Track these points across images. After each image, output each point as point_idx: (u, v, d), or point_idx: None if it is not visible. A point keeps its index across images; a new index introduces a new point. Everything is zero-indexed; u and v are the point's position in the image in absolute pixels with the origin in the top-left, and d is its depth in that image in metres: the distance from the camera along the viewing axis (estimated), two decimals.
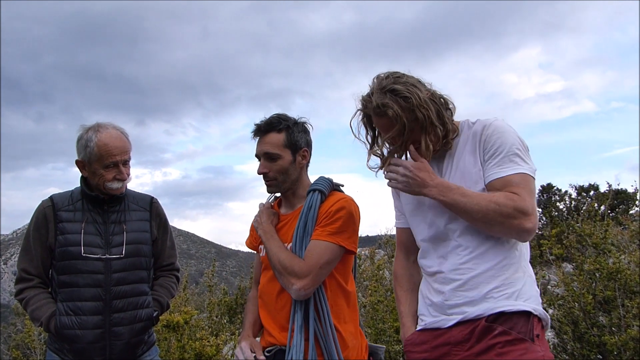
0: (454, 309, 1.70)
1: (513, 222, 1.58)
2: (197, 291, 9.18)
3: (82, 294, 2.19)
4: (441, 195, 1.67)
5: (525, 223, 1.58)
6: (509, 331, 1.59)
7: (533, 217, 1.60)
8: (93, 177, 2.26)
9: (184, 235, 57.71)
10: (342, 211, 1.95)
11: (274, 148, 2.03)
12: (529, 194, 1.63)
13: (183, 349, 3.75)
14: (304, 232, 1.96)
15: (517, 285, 1.66)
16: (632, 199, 12.76)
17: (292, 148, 2.05)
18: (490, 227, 1.63)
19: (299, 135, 2.07)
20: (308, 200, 2.01)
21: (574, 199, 13.20)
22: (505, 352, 1.58)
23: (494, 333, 1.60)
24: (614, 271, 3.85)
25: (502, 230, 1.63)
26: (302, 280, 1.86)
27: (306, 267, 1.87)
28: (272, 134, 2.04)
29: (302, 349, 1.86)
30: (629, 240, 5.56)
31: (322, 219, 1.96)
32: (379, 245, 8.74)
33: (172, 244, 2.56)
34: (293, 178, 2.07)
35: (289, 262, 1.89)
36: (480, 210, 1.60)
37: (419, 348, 1.80)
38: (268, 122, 2.05)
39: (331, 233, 1.92)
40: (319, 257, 1.89)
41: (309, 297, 1.90)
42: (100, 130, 2.24)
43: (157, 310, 2.37)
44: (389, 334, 4.05)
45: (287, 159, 2.04)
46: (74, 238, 2.22)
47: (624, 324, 3.67)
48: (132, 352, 2.28)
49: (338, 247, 1.93)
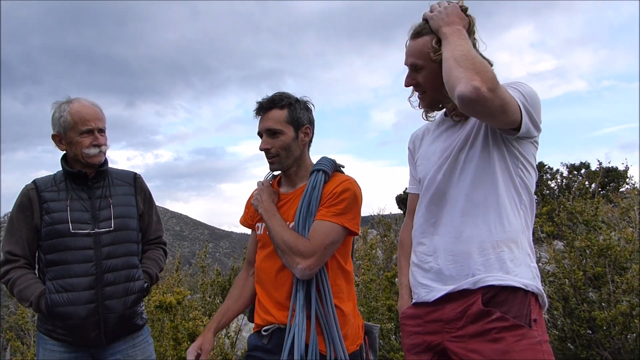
0: (448, 279, 1.70)
1: None
2: (190, 272, 9.20)
3: (73, 271, 2.18)
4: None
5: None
6: (506, 317, 1.57)
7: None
8: (70, 147, 2.28)
9: (176, 217, 57.71)
10: (347, 192, 1.95)
11: (276, 124, 2.01)
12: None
13: (176, 329, 3.76)
14: (307, 212, 1.96)
15: (510, 257, 1.64)
16: (622, 177, 12.86)
17: (294, 124, 2.03)
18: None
19: (301, 112, 2.05)
20: (312, 180, 2.00)
21: (566, 177, 13.27)
22: (500, 337, 1.56)
23: (491, 318, 1.58)
24: (604, 248, 3.89)
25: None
26: (307, 259, 1.85)
27: (312, 247, 1.87)
28: (275, 110, 2.02)
29: (304, 328, 1.86)
30: (619, 218, 5.62)
31: (327, 200, 1.95)
32: (372, 225, 8.78)
33: (158, 219, 2.57)
34: (296, 155, 2.05)
35: (293, 241, 1.88)
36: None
37: (413, 322, 1.80)
38: (270, 99, 2.04)
39: (336, 214, 1.92)
40: (325, 237, 1.88)
41: (312, 276, 1.90)
42: (72, 101, 2.29)
43: (147, 281, 2.38)
44: (381, 312, 4.08)
45: (290, 134, 2.02)
46: (60, 216, 2.21)
47: (614, 300, 3.72)
48: (126, 325, 2.28)
49: (342, 228, 1.93)
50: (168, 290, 5.17)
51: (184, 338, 3.76)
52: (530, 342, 1.55)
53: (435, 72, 1.68)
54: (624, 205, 5.86)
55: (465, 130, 1.72)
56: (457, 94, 1.45)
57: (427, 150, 1.88)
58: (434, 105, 1.82)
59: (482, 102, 1.42)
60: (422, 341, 1.76)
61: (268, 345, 1.97)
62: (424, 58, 1.72)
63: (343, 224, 1.93)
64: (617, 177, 13.09)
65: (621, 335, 3.59)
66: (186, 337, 3.76)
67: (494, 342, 1.56)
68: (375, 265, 5.20)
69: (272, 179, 2.21)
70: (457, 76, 1.46)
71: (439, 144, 1.81)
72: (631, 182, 12.28)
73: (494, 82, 1.43)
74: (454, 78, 1.48)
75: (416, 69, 1.76)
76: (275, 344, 1.94)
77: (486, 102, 1.42)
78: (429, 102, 1.81)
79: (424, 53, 1.71)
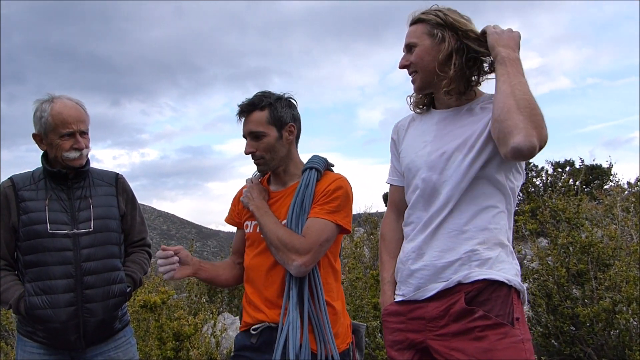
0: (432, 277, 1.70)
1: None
2: None
3: (52, 272, 2.13)
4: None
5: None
6: (488, 315, 1.57)
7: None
8: (50, 149, 2.22)
9: (163, 216, 57.21)
10: (340, 190, 1.95)
11: (258, 126, 1.99)
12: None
13: (161, 329, 3.72)
14: (300, 210, 1.95)
15: (496, 254, 1.65)
16: (606, 174, 13.02)
17: (276, 124, 2.01)
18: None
19: (283, 110, 2.03)
20: (305, 178, 1.99)
21: (551, 175, 13.40)
22: (482, 336, 1.57)
23: (474, 316, 1.59)
24: (586, 245, 3.92)
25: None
26: (303, 256, 1.85)
27: (307, 244, 1.86)
28: (255, 112, 2.00)
29: (298, 326, 1.85)
30: (603, 215, 5.68)
31: (320, 197, 1.95)
32: (358, 223, 8.80)
33: (142, 220, 2.52)
34: (282, 155, 2.04)
35: (288, 238, 1.87)
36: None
37: (395, 319, 1.80)
38: (249, 102, 2.02)
39: (329, 212, 1.92)
40: (319, 235, 1.88)
41: (307, 273, 1.90)
42: (55, 101, 2.21)
43: (130, 285, 2.34)
44: (366, 310, 4.09)
45: (273, 135, 2.00)
46: (38, 216, 2.16)
47: (597, 296, 3.75)
48: (106, 329, 2.24)
49: (336, 225, 1.93)
50: (153, 289, 5.13)
51: (169, 338, 3.73)
52: (512, 341, 1.55)
53: (427, 49, 1.73)
54: (608, 203, 5.93)
55: (465, 133, 1.72)
56: (512, 144, 1.48)
57: (414, 142, 1.87)
58: (424, 87, 1.81)
59: (531, 156, 1.50)
60: (405, 338, 1.75)
61: (256, 344, 1.95)
62: (417, 37, 1.76)
63: (337, 221, 1.92)
64: (601, 174, 13.25)
65: (604, 332, 3.63)
66: (171, 337, 3.73)
67: (477, 340, 1.57)
68: (362, 264, 5.21)
69: (261, 176, 2.19)
70: (516, 124, 1.49)
71: (429, 138, 1.81)
72: (615, 179, 12.45)
73: (546, 138, 1.49)
74: (511, 123, 1.50)
75: (410, 49, 1.79)
76: (264, 342, 1.93)
77: (533, 155, 1.49)
78: (421, 83, 1.80)
79: (419, 33, 1.76)
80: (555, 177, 12.98)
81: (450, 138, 1.73)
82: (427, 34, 1.74)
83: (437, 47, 1.72)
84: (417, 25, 1.78)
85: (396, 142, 1.99)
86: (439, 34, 1.72)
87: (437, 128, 1.80)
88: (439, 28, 1.72)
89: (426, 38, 1.74)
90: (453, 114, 1.79)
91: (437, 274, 1.68)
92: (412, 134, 1.91)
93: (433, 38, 1.72)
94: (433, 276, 1.69)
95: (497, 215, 1.68)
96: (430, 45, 1.73)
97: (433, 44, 1.72)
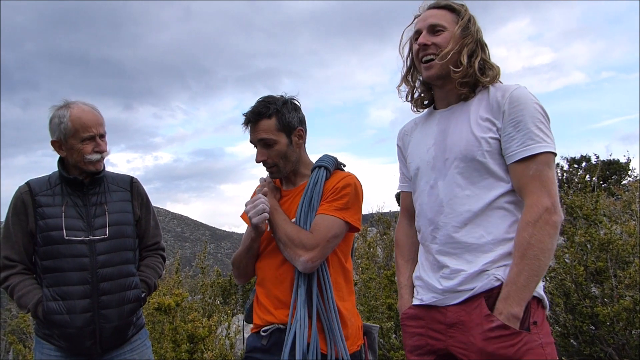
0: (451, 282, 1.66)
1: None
2: (191, 274, 9.18)
3: (68, 278, 2.15)
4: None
5: (554, 217, 1.55)
6: (506, 325, 1.53)
7: (559, 211, 1.57)
8: (71, 154, 2.24)
9: (177, 219, 57.67)
10: (349, 188, 1.94)
11: (268, 134, 1.97)
12: (545, 189, 1.57)
13: (175, 331, 3.74)
14: (309, 207, 1.95)
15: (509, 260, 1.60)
16: (624, 170, 12.81)
17: (286, 131, 1.99)
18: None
19: (290, 115, 2.01)
20: (314, 176, 1.99)
21: (566, 171, 13.22)
22: (503, 346, 1.52)
23: (491, 326, 1.54)
24: (605, 242, 3.84)
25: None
26: (310, 252, 1.84)
27: (314, 240, 1.85)
28: (263, 120, 1.98)
29: (306, 324, 1.83)
30: (622, 211, 5.57)
31: (329, 195, 1.94)
32: (371, 223, 8.75)
33: (156, 223, 2.53)
34: (293, 160, 2.04)
35: (296, 234, 1.87)
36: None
37: (415, 323, 1.77)
38: (256, 111, 1.98)
39: (338, 209, 1.91)
40: (327, 231, 1.87)
41: (315, 270, 1.88)
42: (71, 106, 2.23)
43: (145, 291, 2.34)
44: (381, 311, 4.05)
45: (283, 142, 1.99)
46: (54, 222, 2.18)
47: (617, 295, 3.67)
48: (121, 334, 2.25)
49: (344, 222, 1.92)
50: (167, 292, 5.15)
51: (183, 340, 3.74)
52: (530, 347, 1.52)
53: (457, 39, 1.69)
54: (626, 198, 5.81)
55: (463, 132, 1.69)
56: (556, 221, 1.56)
57: (418, 147, 1.85)
58: (440, 77, 1.74)
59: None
60: (425, 343, 1.72)
61: (267, 346, 1.94)
62: (447, 22, 1.72)
63: (345, 218, 1.91)
64: (619, 169, 13.04)
65: (625, 331, 3.55)
66: (185, 339, 3.74)
67: (497, 349, 1.53)
68: (375, 264, 5.17)
69: None
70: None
71: (431, 141, 1.78)
72: (633, 174, 12.24)
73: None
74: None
75: (435, 30, 1.73)
76: (274, 344, 1.92)
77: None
78: (438, 72, 1.72)
79: (449, 19, 1.72)
80: (570, 173, 12.80)
81: (451, 140, 1.71)
82: (456, 23, 1.71)
83: (464, 40, 1.69)
84: (445, 11, 1.74)
85: (402, 149, 1.98)
86: (471, 27, 1.70)
87: (437, 130, 1.78)
88: (469, 22, 1.71)
89: (455, 26, 1.71)
90: (449, 113, 1.77)
91: (459, 281, 1.64)
92: (416, 138, 1.89)
93: (463, 30, 1.70)
94: (456, 283, 1.65)
95: (514, 219, 1.65)
96: (459, 35, 1.69)
97: (462, 35, 1.69)
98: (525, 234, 1.54)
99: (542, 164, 1.57)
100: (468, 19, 1.71)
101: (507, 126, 1.61)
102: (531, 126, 1.58)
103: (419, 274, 1.81)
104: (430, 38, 1.72)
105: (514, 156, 1.60)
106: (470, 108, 1.71)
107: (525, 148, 1.58)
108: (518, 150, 1.59)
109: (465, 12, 1.72)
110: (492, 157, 1.63)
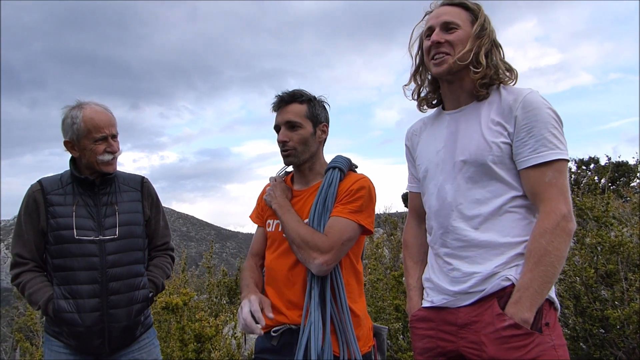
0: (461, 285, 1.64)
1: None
2: (197, 273, 9.20)
3: (78, 277, 2.16)
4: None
5: (570, 225, 1.55)
6: (518, 325, 1.51)
7: (574, 219, 1.56)
8: (84, 154, 2.25)
9: (183, 218, 57.89)
10: (363, 190, 1.93)
11: (296, 117, 2.00)
12: (562, 196, 1.56)
13: (182, 330, 3.74)
14: (323, 209, 1.93)
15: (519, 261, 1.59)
16: (633, 171, 12.71)
17: (313, 120, 2.03)
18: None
19: (320, 109, 2.06)
20: (328, 177, 1.98)
21: (574, 173, 13.14)
22: (514, 346, 1.51)
23: (504, 325, 1.53)
24: (616, 244, 3.81)
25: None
26: (325, 255, 1.83)
27: (329, 242, 1.84)
28: (295, 104, 2.02)
29: (320, 327, 1.82)
30: (631, 213, 5.52)
31: (343, 197, 1.93)
32: (378, 224, 8.73)
33: (166, 224, 2.54)
34: (312, 150, 2.04)
35: (310, 236, 1.85)
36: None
37: (425, 325, 1.75)
38: (291, 93, 2.04)
39: (352, 211, 1.90)
40: (342, 233, 1.86)
41: (328, 272, 1.87)
42: (84, 106, 2.24)
43: (152, 291, 2.35)
44: (388, 312, 4.03)
45: (308, 129, 2.01)
46: (65, 222, 2.19)
47: (627, 298, 3.63)
48: (130, 334, 2.26)
49: (358, 225, 1.91)
50: (175, 291, 5.16)
51: (191, 339, 3.74)
52: (543, 348, 1.50)
53: (468, 37, 1.68)
54: (636, 201, 5.76)
55: (473, 135, 1.67)
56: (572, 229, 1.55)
57: (427, 149, 1.84)
58: (451, 73, 1.71)
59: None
60: (435, 345, 1.70)
61: (277, 346, 1.92)
62: (462, 20, 1.70)
63: (359, 221, 1.90)
64: (628, 171, 12.95)
65: (636, 335, 3.51)
66: (192, 338, 3.74)
67: (509, 350, 1.52)
68: (382, 265, 5.15)
69: (285, 175, 2.19)
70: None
71: (440, 144, 1.77)
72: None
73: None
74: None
75: (448, 28, 1.71)
76: (284, 344, 1.91)
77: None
78: (449, 67, 1.70)
79: (463, 18, 1.71)
80: (579, 175, 12.72)
81: (462, 144, 1.69)
82: (470, 21, 1.70)
83: (481, 40, 1.68)
84: (459, 9, 1.73)
85: (410, 149, 1.97)
86: (487, 27, 1.69)
87: (447, 132, 1.76)
88: (485, 23, 1.69)
89: (469, 25, 1.70)
90: (459, 115, 1.75)
91: (471, 282, 1.63)
92: (425, 139, 1.88)
93: (479, 30, 1.68)
94: (467, 285, 1.64)
95: (524, 220, 1.64)
96: (475, 34, 1.68)
97: (476, 34, 1.68)
98: (542, 241, 1.52)
99: (557, 171, 1.56)
100: (484, 18, 1.70)
101: (520, 131, 1.59)
102: (545, 132, 1.56)
103: (429, 275, 1.79)
104: (444, 36, 1.70)
105: (527, 162, 1.58)
106: (481, 111, 1.69)
107: (539, 154, 1.56)
108: (532, 156, 1.57)
109: (481, 12, 1.71)
110: (502, 162, 1.62)
